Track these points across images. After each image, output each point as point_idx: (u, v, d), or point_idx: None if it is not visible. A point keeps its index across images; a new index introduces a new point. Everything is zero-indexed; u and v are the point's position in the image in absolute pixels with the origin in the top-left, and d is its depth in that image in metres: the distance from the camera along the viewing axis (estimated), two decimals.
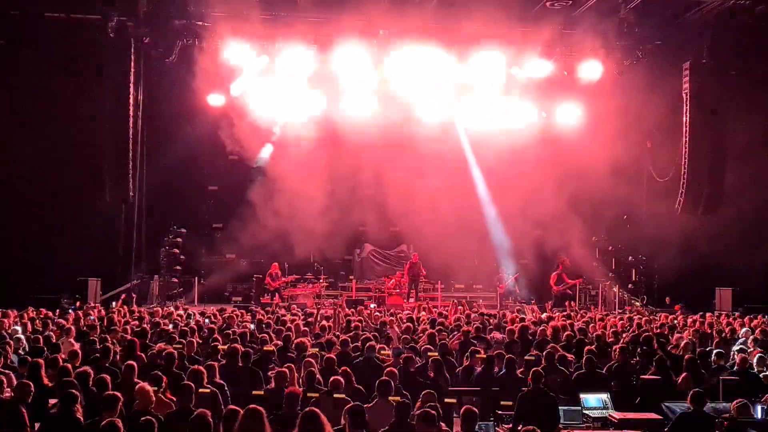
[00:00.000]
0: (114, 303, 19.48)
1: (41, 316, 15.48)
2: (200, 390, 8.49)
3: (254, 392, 9.20)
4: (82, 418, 7.80)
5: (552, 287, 23.06)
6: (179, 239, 24.24)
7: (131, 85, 21.11)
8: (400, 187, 23.42)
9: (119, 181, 20.99)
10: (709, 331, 14.92)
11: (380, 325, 15.10)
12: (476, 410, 7.64)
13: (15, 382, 8.89)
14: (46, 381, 9.18)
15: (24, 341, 12.34)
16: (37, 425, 7.97)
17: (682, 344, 12.76)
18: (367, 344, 11.26)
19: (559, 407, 9.18)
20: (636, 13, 20.69)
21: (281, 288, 22.84)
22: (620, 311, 21.24)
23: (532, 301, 22.76)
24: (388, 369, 9.73)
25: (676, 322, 16.64)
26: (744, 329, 14.87)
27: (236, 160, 24.08)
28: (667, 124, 22.82)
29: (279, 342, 12.24)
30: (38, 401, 8.45)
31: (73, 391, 7.97)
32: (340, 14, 20.69)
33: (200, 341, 12.37)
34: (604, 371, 10.77)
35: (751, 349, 12.43)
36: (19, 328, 13.41)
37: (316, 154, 23.83)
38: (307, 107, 23.82)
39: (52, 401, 8.46)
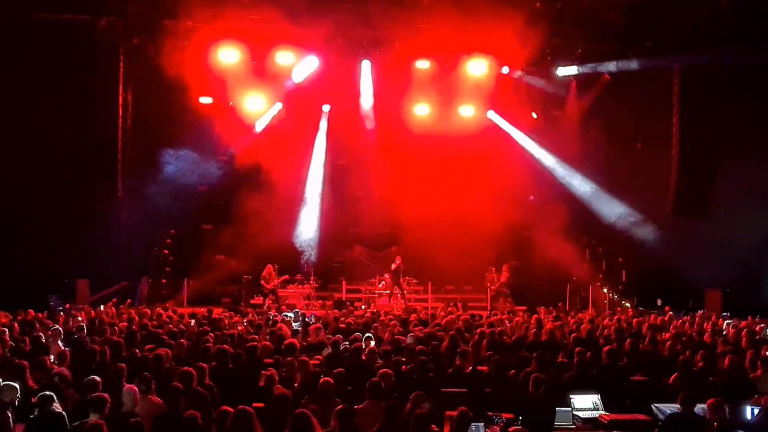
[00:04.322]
0: (102, 306, 19.34)
1: (29, 317, 15.36)
2: (194, 390, 8.47)
3: (247, 394, 9.14)
4: (65, 414, 7.74)
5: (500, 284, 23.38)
6: (168, 240, 24.16)
7: (120, 85, 21.08)
8: (392, 188, 23.44)
9: (108, 181, 20.94)
10: (699, 332, 14.95)
11: (364, 327, 15.00)
12: (471, 413, 7.59)
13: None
14: (31, 383, 9.10)
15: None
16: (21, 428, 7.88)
17: (671, 345, 12.78)
18: (355, 345, 11.24)
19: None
20: (627, 16, 20.76)
21: (276, 288, 22.76)
22: (610, 313, 21.27)
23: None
24: (382, 370, 9.69)
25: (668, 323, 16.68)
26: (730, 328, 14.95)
27: (226, 161, 24.00)
28: (657, 127, 22.91)
29: (269, 343, 12.18)
30: (24, 403, 8.36)
31: (48, 392, 7.91)
32: (330, 17, 20.69)
33: (190, 343, 12.29)
34: (594, 372, 10.76)
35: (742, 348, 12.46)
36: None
37: (306, 154, 23.79)
38: (298, 108, 23.84)
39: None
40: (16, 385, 8.30)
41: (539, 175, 24.61)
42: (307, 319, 16.81)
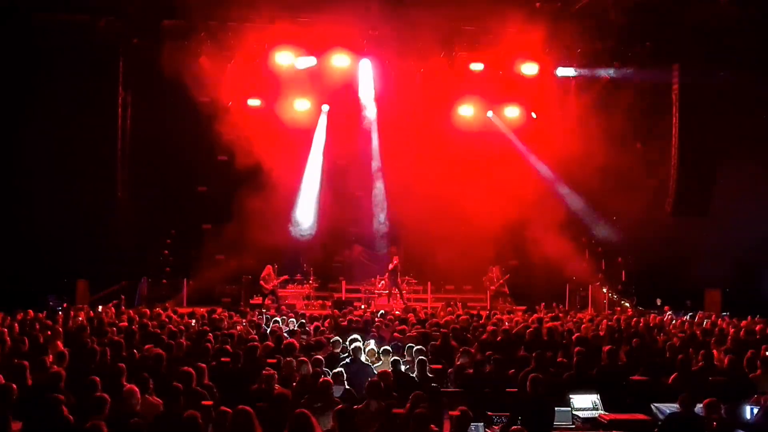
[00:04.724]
0: (100, 307, 19.32)
1: (29, 317, 15.34)
2: (193, 390, 8.47)
3: (247, 394, 9.14)
4: (72, 419, 7.73)
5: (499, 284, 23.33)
6: (168, 240, 24.15)
7: (120, 85, 21.06)
8: (391, 187, 23.44)
9: (108, 181, 20.94)
10: (698, 331, 14.95)
11: (364, 325, 15.01)
12: (470, 413, 7.59)
13: None
14: (30, 383, 9.09)
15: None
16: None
17: (670, 345, 12.78)
18: (354, 345, 11.25)
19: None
20: (626, 15, 20.74)
21: (276, 288, 22.75)
22: (610, 312, 21.27)
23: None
24: (381, 370, 9.70)
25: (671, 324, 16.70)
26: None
27: (225, 161, 23.99)
28: (657, 125, 22.91)
29: (269, 343, 12.18)
30: (23, 403, 8.34)
31: (58, 396, 7.89)
32: (331, 15, 20.67)
33: (189, 343, 12.29)
34: (593, 372, 10.76)
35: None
36: None
37: (306, 154, 23.81)
38: (297, 108, 23.85)
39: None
40: (13, 385, 8.29)
41: (539, 173, 24.62)
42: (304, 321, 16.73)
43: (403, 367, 10.52)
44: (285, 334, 13.34)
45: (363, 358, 11.10)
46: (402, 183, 23.58)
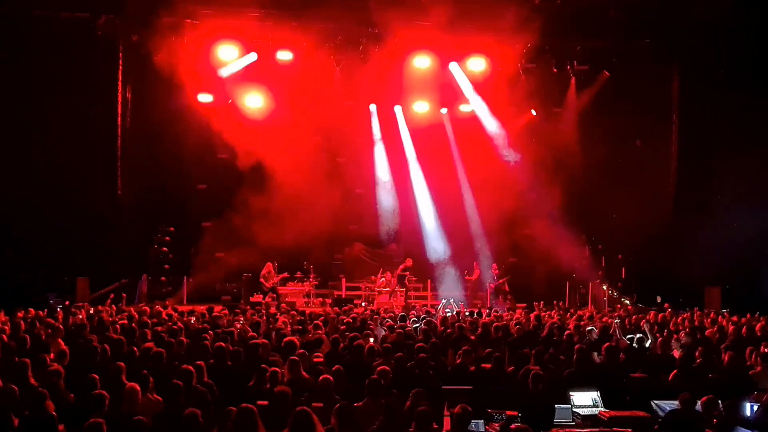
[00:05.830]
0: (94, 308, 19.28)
1: (30, 315, 15.34)
2: (193, 388, 8.47)
3: (247, 392, 9.13)
4: (55, 415, 7.71)
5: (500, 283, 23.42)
6: (168, 238, 24.15)
7: (119, 83, 21.05)
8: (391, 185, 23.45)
9: (107, 179, 20.93)
10: (698, 329, 14.96)
11: (361, 324, 14.98)
12: (471, 410, 7.58)
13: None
14: (32, 381, 9.09)
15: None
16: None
17: (666, 341, 12.78)
18: (355, 342, 11.23)
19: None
20: (625, 14, 20.75)
21: (276, 286, 22.76)
22: (610, 310, 21.28)
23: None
24: (380, 368, 9.68)
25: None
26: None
27: (225, 159, 23.97)
28: (657, 124, 22.92)
29: (268, 341, 12.17)
30: (26, 401, 8.33)
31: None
32: (329, 13, 20.67)
33: (189, 341, 12.28)
34: (593, 369, 10.76)
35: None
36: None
37: (305, 152, 23.77)
38: (297, 105, 23.83)
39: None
40: (15, 388, 8.27)
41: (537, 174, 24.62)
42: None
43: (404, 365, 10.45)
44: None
45: (363, 356, 11.03)
46: (401, 180, 23.54)
